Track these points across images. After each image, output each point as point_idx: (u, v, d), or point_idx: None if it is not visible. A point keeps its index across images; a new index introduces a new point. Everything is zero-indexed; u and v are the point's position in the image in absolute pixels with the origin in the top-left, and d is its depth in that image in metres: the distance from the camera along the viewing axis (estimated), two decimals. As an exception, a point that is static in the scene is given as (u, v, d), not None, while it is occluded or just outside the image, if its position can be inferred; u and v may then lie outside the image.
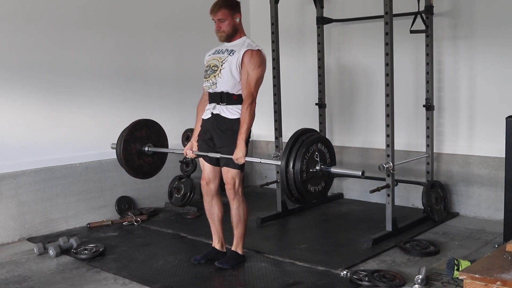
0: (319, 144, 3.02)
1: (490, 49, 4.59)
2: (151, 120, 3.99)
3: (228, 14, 3.44)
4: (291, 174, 2.92)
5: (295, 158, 2.91)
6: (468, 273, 2.36)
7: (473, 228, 4.41)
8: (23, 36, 4.41)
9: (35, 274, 3.61)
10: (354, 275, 3.31)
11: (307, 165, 2.94)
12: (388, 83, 4.09)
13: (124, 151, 3.76)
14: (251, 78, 3.36)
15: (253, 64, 3.37)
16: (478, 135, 4.73)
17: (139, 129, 3.85)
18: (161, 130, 4.00)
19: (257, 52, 3.41)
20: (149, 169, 3.95)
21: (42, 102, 4.55)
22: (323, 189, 3.08)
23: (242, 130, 3.36)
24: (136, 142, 3.83)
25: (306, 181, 2.95)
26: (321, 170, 3.02)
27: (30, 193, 4.44)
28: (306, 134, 3.03)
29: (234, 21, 3.47)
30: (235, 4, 3.51)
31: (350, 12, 5.32)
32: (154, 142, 3.92)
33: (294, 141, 2.97)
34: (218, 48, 3.57)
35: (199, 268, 3.61)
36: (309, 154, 2.94)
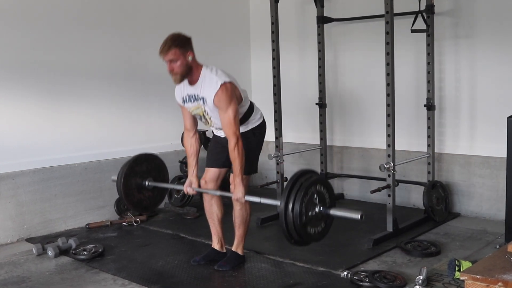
0: (318, 186, 3.04)
1: (491, 49, 4.59)
2: (152, 155, 4.03)
3: (180, 54, 3.23)
4: (290, 217, 2.95)
5: (294, 201, 2.93)
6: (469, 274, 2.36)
7: (475, 228, 4.40)
8: (22, 36, 4.41)
9: (34, 275, 3.61)
10: (354, 275, 3.31)
11: (306, 208, 2.96)
12: (389, 83, 4.08)
13: (124, 186, 3.79)
14: (228, 117, 3.26)
15: (224, 104, 3.25)
16: (480, 135, 4.73)
17: (139, 164, 3.89)
18: (162, 165, 4.04)
19: (222, 89, 3.24)
20: (149, 203, 3.98)
21: (41, 102, 4.55)
22: (323, 230, 3.11)
23: (237, 172, 3.31)
24: (136, 177, 3.86)
25: (305, 224, 2.99)
26: (320, 212, 3.04)
27: (28, 194, 4.44)
28: (305, 176, 3.04)
29: (187, 60, 3.26)
30: (186, 41, 3.30)
31: (350, 11, 5.31)
32: (155, 176, 3.94)
33: (292, 184, 2.98)
34: (190, 93, 3.40)
35: (198, 268, 3.61)
36: (308, 196, 2.96)
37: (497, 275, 2.31)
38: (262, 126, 3.61)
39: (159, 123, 5.43)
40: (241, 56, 6.30)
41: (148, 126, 5.36)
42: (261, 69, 6.09)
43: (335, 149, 5.68)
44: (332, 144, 5.66)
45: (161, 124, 5.44)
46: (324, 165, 5.39)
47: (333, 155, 5.68)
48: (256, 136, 3.56)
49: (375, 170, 4.76)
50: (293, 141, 5.77)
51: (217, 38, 5.93)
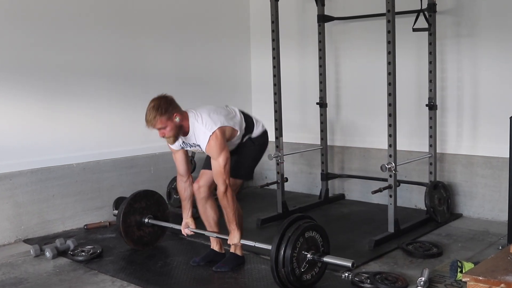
0: (307, 233, 3.09)
1: (494, 47, 4.58)
2: (151, 191, 4.08)
3: (166, 120, 3.28)
4: (283, 273, 3.02)
5: (284, 257, 3.00)
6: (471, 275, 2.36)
7: (477, 229, 4.40)
8: (20, 35, 4.40)
9: (32, 276, 3.60)
10: (355, 277, 3.31)
11: (297, 260, 3.04)
12: (390, 82, 4.08)
13: (123, 224, 3.86)
14: (219, 166, 3.31)
15: (215, 153, 3.31)
16: (482, 135, 4.73)
17: (138, 201, 3.95)
18: (161, 200, 4.09)
19: (212, 140, 3.30)
20: (150, 239, 4.04)
21: (39, 102, 4.54)
22: (319, 271, 3.19)
23: (231, 219, 3.40)
24: (135, 214, 3.92)
25: (299, 276, 3.06)
26: (313, 259, 3.12)
27: (26, 194, 4.44)
28: (292, 228, 3.08)
29: (175, 123, 3.31)
30: (168, 105, 3.32)
31: (351, 10, 5.31)
32: (154, 212, 4.01)
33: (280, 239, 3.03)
34: (186, 142, 3.47)
35: (198, 270, 3.61)
36: (297, 250, 3.03)
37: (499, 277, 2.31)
38: (263, 136, 3.66)
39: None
40: (241, 55, 6.30)
41: (147, 126, 5.35)
42: (261, 68, 6.09)
43: (336, 149, 5.68)
44: (333, 144, 5.65)
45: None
46: (324, 165, 5.39)
47: (333, 155, 5.67)
48: (255, 144, 3.62)
49: (376, 171, 4.76)
50: (293, 141, 5.77)
51: (216, 37, 5.93)
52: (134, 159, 5.17)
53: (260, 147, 3.67)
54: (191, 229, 3.69)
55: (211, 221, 3.68)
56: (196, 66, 5.77)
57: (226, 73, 6.10)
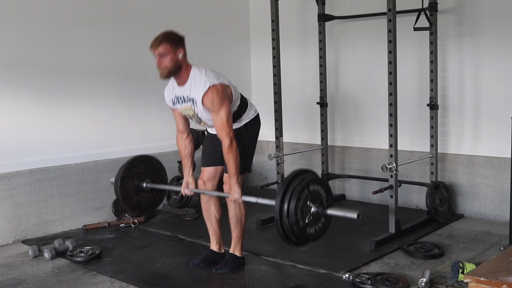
0: (311, 186, 3.04)
1: (496, 47, 4.58)
2: (149, 156, 4.03)
3: (170, 49, 3.25)
4: (287, 224, 2.96)
5: (288, 208, 2.94)
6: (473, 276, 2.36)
7: (478, 230, 4.40)
8: (17, 34, 4.40)
9: (30, 277, 3.60)
10: (356, 278, 3.31)
11: (302, 212, 2.98)
12: (391, 82, 4.08)
13: (121, 189, 3.78)
14: (221, 119, 3.27)
15: (216, 106, 3.26)
16: (484, 134, 4.73)
17: (136, 166, 3.88)
18: (159, 165, 4.03)
19: (212, 91, 3.24)
20: (148, 205, 3.97)
21: (37, 101, 4.55)
22: (323, 226, 3.14)
23: (232, 173, 3.32)
24: (133, 179, 3.85)
25: (303, 228, 3.00)
26: (317, 212, 3.05)
27: (24, 194, 4.44)
28: (297, 179, 3.04)
29: (177, 57, 3.27)
30: (178, 38, 3.33)
31: (352, 9, 5.32)
32: (153, 177, 3.94)
33: (285, 190, 2.98)
34: (178, 94, 3.42)
35: (197, 271, 3.61)
36: (302, 201, 2.98)
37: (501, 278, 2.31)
38: (256, 121, 3.61)
39: (157, 123, 5.43)
40: (241, 55, 6.30)
41: (146, 126, 5.36)
42: (261, 68, 6.09)
43: (336, 149, 5.68)
44: (333, 144, 5.65)
45: (159, 124, 5.43)
46: (325, 165, 5.39)
47: (334, 155, 5.68)
48: (249, 133, 3.57)
49: (377, 171, 4.76)
50: (293, 141, 5.77)
51: (216, 36, 5.93)
52: (133, 159, 5.17)
53: (254, 134, 3.61)
54: (191, 189, 3.61)
55: (213, 219, 3.68)
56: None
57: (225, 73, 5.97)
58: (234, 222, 3.59)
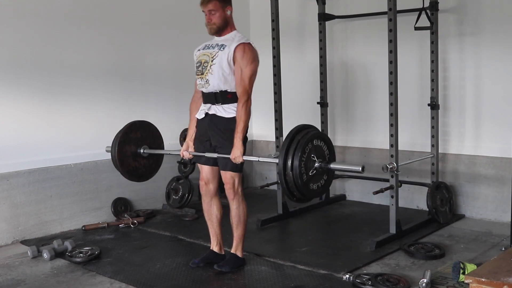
0: (315, 141, 3.02)
1: (497, 46, 4.58)
2: (147, 122, 3.99)
3: (219, 6, 3.41)
4: (291, 177, 2.92)
5: (293, 161, 2.91)
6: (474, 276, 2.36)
7: (479, 230, 4.40)
8: (15, 33, 4.40)
9: (29, 278, 3.60)
10: (357, 279, 3.31)
11: (305, 166, 2.94)
12: (392, 81, 4.08)
13: (119, 153, 3.76)
14: (245, 75, 3.37)
15: (246, 60, 3.36)
16: (485, 134, 4.73)
17: (134, 131, 3.85)
18: (156, 132, 4.00)
19: (249, 46, 3.40)
20: (144, 171, 3.94)
21: (36, 101, 4.55)
22: (325, 183, 3.12)
23: (239, 129, 3.35)
24: (131, 144, 3.82)
25: (306, 182, 2.96)
26: (320, 167, 3.03)
27: (23, 195, 4.44)
28: (301, 133, 3.02)
29: (225, 14, 3.44)
30: None
31: (352, 8, 5.32)
32: (150, 144, 3.91)
33: (289, 142, 2.96)
34: (208, 43, 3.56)
35: (197, 271, 3.61)
36: (306, 154, 2.94)
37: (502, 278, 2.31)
38: None
39: (157, 123, 5.36)
40: (241, 54, 6.29)
41: (146, 126, 5.36)
42: (261, 67, 6.00)
43: (337, 149, 5.62)
44: (334, 144, 5.61)
45: (159, 124, 5.37)
46: (325, 165, 5.38)
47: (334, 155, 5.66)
48: None
49: (378, 171, 4.76)
50: (294, 141, 5.76)
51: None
52: (132, 159, 5.17)
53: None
54: (191, 152, 3.63)
55: (214, 219, 3.68)
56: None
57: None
58: (236, 221, 3.59)
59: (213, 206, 3.66)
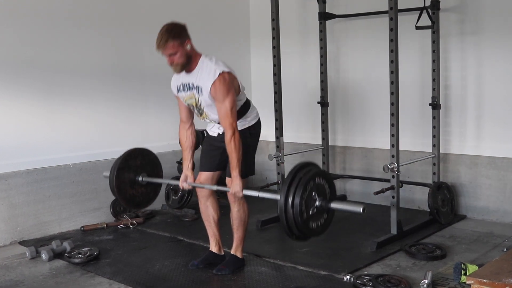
0: (317, 179, 3.05)
1: (499, 46, 4.58)
2: (146, 150, 4.01)
3: (178, 45, 3.23)
4: (291, 214, 2.95)
5: (293, 199, 2.93)
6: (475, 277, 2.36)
7: (481, 231, 4.40)
8: (14, 33, 4.40)
9: (27, 279, 3.60)
10: (357, 279, 3.31)
11: (306, 204, 2.97)
12: (392, 81, 4.08)
13: (117, 180, 3.76)
14: (225, 109, 3.26)
15: (221, 95, 3.24)
16: (486, 134, 4.73)
17: (133, 158, 3.87)
18: (156, 160, 4.02)
19: (219, 80, 3.23)
20: (142, 199, 3.94)
21: (34, 101, 4.54)
22: (325, 222, 3.13)
23: (234, 165, 3.30)
24: (130, 171, 3.84)
25: (306, 220, 3.00)
26: (321, 206, 3.04)
27: (22, 195, 4.44)
28: (303, 170, 3.04)
29: (186, 50, 3.25)
30: (181, 30, 3.28)
31: (353, 8, 5.31)
32: (149, 172, 3.91)
33: (291, 180, 2.98)
34: (184, 82, 3.41)
35: (197, 272, 3.61)
36: (307, 192, 2.98)
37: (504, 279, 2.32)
38: (258, 125, 3.62)
39: (156, 123, 5.43)
40: (241, 53, 6.30)
41: (145, 126, 5.36)
42: (261, 66, 6.09)
43: (338, 149, 5.68)
44: (334, 144, 5.66)
45: (158, 124, 5.44)
46: (326, 165, 5.39)
47: (335, 155, 5.68)
48: (252, 136, 3.58)
49: (379, 171, 4.76)
50: (294, 141, 5.77)
51: (215, 34, 5.92)
52: (131, 160, 5.17)
53: (256, 136, 3.62)
54: (190, 183, 3.59)
55: (211, 220, 3.68)
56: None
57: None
58: (237, 223, 3.59)
59: (209, 207, 3.66)
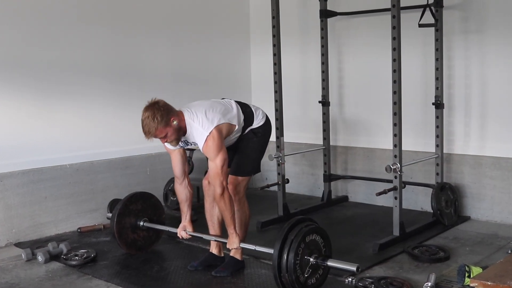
0: (310, 236, 3.13)
1: (503, 44, 4.59)
2: (148, 193, 4.08)
3: (164, 128, 3.28)
4: (287, 280, 3.05)
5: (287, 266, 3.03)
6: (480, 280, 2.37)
7: (485, 232, 4.40)
8: (11, 31, 4.40)
9: (23, 281, 3.60)
10: (359, 282, 3.31)
11: (301, 268, 3.07)
12: (395, 80, 4.08)
13: (117, 225, 3.85)
14: (216, 167, 3.31)
15: (212, 154, 3.31)
16: (491, 134, 4.73)
17: (134, 202, 3.95)
18: (157, 203, 4.10)
19: (208, 140, 3.29)
20: (144, 243, 4.04)
21: (30, 100, 4.54)
22: (323, 273, 3.23)
23: (229, 222, 3.40)
24: (130, 216, 3.92)
25: (304, 282, 3.09)
26: (316, 263, 3.15)
27: (17, 196, 4.44)
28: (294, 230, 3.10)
29: (174, 127, 3.31)
30: (163, 112, 3.27)
31: (355, 5, 5.31)
32: (150, 215, 4.01)
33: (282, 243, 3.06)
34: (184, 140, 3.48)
35: (196, 274, 3.61)
36: (299, 257, 3.06)
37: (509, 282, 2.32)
38: (265, 125, 3.64)
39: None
40: (241, 52, 6.30)
41: (143, 125, 5.35)
42: (262, 65, 6.09)
43: (339, 149, 5.68)
44: (336, 144, 5.66)
45: (157, 123, 5.43)
46: (327, 166, 5.39)
47: (336, 155, 5.68)
48: (258, 135, 3.60)
49: (381, 171, 4.76)
50: (294, 141, 5.77)
51: (215, 33, 5.93)
52: (129, 160, 5.17)
53: (263, 138, 3.65)
54: (189, 232, 3.69)
55: (215, 221, 3.70)
56: (194, 63, 5.77)
57: (224, 71, 6.10)
58: (238, 224, 3.59)
59: (215, 207, 3.66)
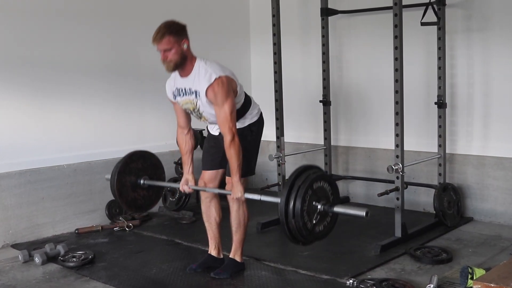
0: (315, 184, 3.05)
1: (506, 43, 4.58)
2: (148, 152, 4.03)
3: (174, 42, 3.23)
4: (293, 226, 2.97)
5: (294, 211, 2.95)
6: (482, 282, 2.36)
7: (488, 234, 4.41)
8: (6, 29, 4.40)
9: (20, 283, 3.61)
10: (361, 284, 3.31)
11: (308, 214, 2.99)
12: (397, 79, 4.09)
13: (118, 183, 3.79)
14: (224, 113, 3.26)
15: (220, 99, 3.24)
16: (494, 134, 4.73)
17: (135, 161, 3.89)
18: (158, 163, 4.04)
19: (217, 83, 3.23)
20: (144, 202, 3.98)
21: (27, 99, 4.54)
22: (330, 221, 3.15)
23: (234, 170, 3.31)
24: (131, 174, 3.87)
25: (312, 229, 3.03)
26: (323, 210, 3.06)
27: (14, 197, 4.44)
28: (301, 178, 3.04)
29: (182, 48, 3.26)
30: (181, 28, 3.30)
31: (356, 3, 5.31)
32: (150, 174, 3.95)
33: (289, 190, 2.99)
34: (180, 87, 3.42)
35: (195, 276, 3.61)
36: (307, 203, 2.99)
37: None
38: (260, 122, 3.61)
39: (153, 122, 5.44)
40: (241, 51, 6.30)
41: (141, 125, 5.36)
42: (262, 64, 6.09)
43: (340, 149, 5.68)
44: (337, 144, 5.66)
45: (155, 123, 5.44)
46: (328, 166, 5.39)
47: (337, 155, 5.68)
48: (253, 134, 3.57)
49: (383, 172, 4.76)
50: (295, 141, 5.77)
51: (214, 31, 5.93)
52: (127, 160, 5.17)
53: (257, 134, 3.62)
54: (191, 186, 3.61)
55: (213, 221, 3.69)
56: (193, 62, 5.76)
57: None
58: (236, 225, 3.59)
59: (211, 208, 3.67)
